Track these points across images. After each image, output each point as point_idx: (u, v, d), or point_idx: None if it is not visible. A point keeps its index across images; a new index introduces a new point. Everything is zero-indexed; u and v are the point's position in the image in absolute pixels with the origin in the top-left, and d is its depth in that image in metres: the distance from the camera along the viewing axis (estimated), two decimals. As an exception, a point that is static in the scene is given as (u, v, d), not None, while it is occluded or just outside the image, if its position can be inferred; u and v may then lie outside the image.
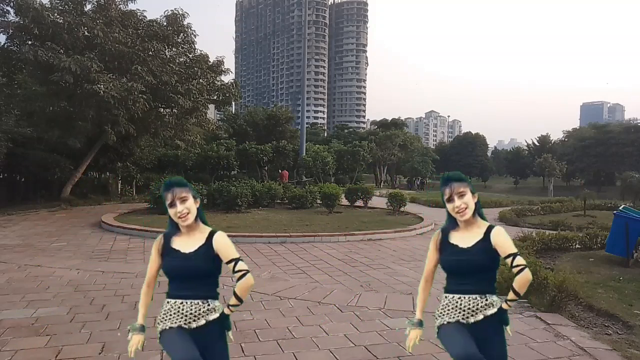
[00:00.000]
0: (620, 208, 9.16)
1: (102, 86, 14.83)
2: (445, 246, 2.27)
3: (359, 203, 17.68)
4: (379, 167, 48.17)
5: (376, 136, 49.71)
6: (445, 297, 2.27)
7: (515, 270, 2.10)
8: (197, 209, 2.25)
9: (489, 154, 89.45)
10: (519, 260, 2.08)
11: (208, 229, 2.28)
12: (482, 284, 2.20)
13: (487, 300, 2.17)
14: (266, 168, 32.47)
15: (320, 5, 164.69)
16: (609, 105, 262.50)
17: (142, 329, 2.27)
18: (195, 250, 2.20)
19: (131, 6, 18.86)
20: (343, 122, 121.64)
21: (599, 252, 8.88)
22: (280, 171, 30.75)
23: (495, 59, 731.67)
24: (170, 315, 2.19)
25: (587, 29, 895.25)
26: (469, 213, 2.18)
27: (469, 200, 2.18)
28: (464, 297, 2.19)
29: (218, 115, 45.28)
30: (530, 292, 5.76)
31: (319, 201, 16.52)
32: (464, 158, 75.26)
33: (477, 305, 2.17)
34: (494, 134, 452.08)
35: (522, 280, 2.08)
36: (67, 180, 19.05)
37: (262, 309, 5.38)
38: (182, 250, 2.20)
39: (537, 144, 74.63)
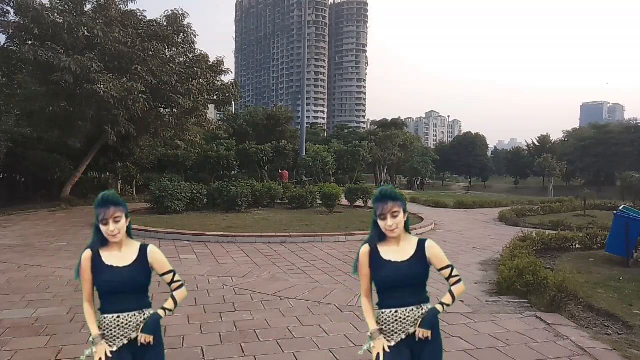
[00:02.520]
0: (620, 208, 9.16)
1: (102, 86, 14.82)
2: (378, 262, 2.26)
3: (359, 203, 17.68)
4: (379, 167, 48.12)
5: (376, 136, 49.69)
6: (383, 312, 2.27)
7: (453, 280, 2.30)
8: (127, 226, 2.28)
9: (489, 154, 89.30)
10: (456, 272, 2.32)
11: (137, 243, 2.33)
12: (418, 295, 2.27)
13: (423, 310, 2.25)
14: (266, 168, 32.48)
15: (320, 6, 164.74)
16: (609, 105, 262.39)
17: (102, 336, 2.25)
18: (130, 265, 2.23)
19: (131, 6, 18.91)
20: (343, 122, 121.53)
21: (599, 252, 8.88)
22: (280, 171, 30.77)
23: (495, 59, 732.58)
24: (111, 330, 2.21)
25: (587, 29, 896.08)
26: (399, 232, 2.24)
27: (401, 220, 2.23)
28: (405, 310, 2.23)
29: (218, 115, 45.23)
30: (530, 292, 5.77)
31: (319, 201, 16.54)
32: (464, 158, 75.24)
33: (416, 315, 2.23)
34: (494, 134, 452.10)
35: (461, 290, 2.31)
36: (67, 180, 19.05)
37: (262, 309, 5.38)
38: (117, 265, 2.22)
39: (537, 144, 74.44)
